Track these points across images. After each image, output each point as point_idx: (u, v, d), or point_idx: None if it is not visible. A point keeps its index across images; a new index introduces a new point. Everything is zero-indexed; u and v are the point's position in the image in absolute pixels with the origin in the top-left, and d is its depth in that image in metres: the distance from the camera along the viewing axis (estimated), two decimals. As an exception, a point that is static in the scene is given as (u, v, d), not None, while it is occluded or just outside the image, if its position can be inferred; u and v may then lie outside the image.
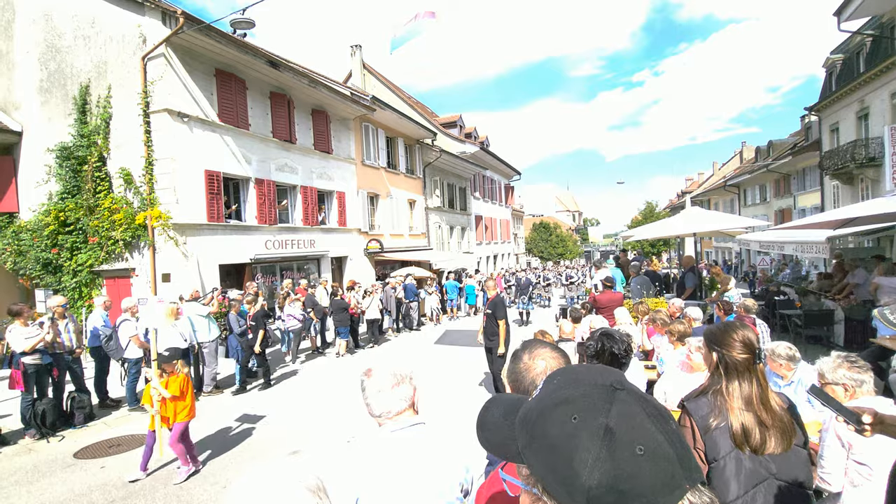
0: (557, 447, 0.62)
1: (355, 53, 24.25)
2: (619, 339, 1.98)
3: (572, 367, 0.81)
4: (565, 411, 0.64)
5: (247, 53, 11.43)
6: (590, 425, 0.61)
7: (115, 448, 5.66)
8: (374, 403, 1.66)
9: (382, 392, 1.65)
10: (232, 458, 5.39)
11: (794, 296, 10.98)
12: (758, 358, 1.76)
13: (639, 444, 0.59)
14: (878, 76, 15.62)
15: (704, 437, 1.75)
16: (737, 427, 1.70)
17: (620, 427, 0.60)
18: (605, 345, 1.92)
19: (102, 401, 7.20)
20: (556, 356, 1.39)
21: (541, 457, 0.64)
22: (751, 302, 6.35)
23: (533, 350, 1.41)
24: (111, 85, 10.62)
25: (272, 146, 12.98)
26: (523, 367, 1.38)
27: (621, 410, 0.62)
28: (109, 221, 10.29)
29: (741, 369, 1.76)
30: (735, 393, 1.75)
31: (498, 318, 6.74)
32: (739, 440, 1.70)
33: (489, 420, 0.79)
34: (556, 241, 47.65)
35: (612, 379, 0.67)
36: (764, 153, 33.00)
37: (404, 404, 1.66)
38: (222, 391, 8.09)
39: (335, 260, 15.66)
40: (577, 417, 0.63)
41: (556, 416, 0.65)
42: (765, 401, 1.72)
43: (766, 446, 1.68)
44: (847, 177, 17.81)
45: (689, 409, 1.83)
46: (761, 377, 1.75)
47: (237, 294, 9.17)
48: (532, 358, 1.39)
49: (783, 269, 19.70)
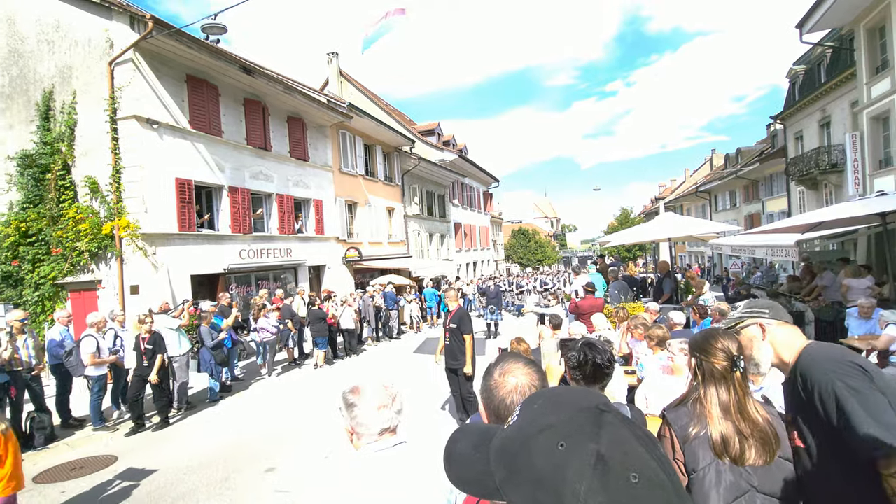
0: (544, 479, 0.56)
1: (332, 61, 24.13)
2: (602, 349, 1.93)
3: (552, 389, 0.75)
4: (550, 438, 0.58)
5: (219, 59, 11.20)
6: (579, 453, 0.55)
7: (78, 471, 5.36)
8: (371, 421, 1.57)
9: (385, 407, 1.58)
10: (205, 477, 5.15)
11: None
12: (735, 366, 1.73)
13: (633, 471, 0.54)
14: (838, 86, 16.31)
15: (684, 447, 1.72)
16: (716, 436, 1.67)
17: (612, 453, 0.55)
18: (587, 356, 1.87)
19: (65, 420, 6.83)
20: (528, 372, 1.31)
21: (525, 491, 0.58)
22: (725, 306, 6.45)
23: (504, 366, 1.34)
24: (76, 91, 10.24)
25: (246, 153, 12.71)
26: (493, 384, 1.31)
27: (612, 435, 0.56)
28: (74, 232, 9.87)
29: (717, 377, 1.74)
30: (713, 401, 1.73)
31: (464, 333, 5.97)
32: (719, 450, 1.66)
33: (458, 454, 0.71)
34: (535, 248, 48.07)
35: (597, 401, 0.62)
36: (733, 160, 34.07)
37: (391, 423, 1.59)
38: (194, 406, 7.78)
39: (313, 269, 15.39)
40: (565, 444, 0.57)
41: (540, 445, 0.59)
42: (742, 410, 1.69)
43: (746, 457, 1.65)
44: (812, 182, 18.50)
45: (668, 418, 1.80)
46: (738, 385, 1.73)
47: (210, 306, 8.89)
48: (502, 374, 1.31)
49: (755, 273, 20.28)
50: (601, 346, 1.93)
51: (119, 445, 6.18)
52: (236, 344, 9.49)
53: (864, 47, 12.54)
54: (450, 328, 6.08)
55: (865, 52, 12.51)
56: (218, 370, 8.29)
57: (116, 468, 5.45)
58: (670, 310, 7.02)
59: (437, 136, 28.09)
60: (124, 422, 7.05)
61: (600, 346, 1.93)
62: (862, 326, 6.20)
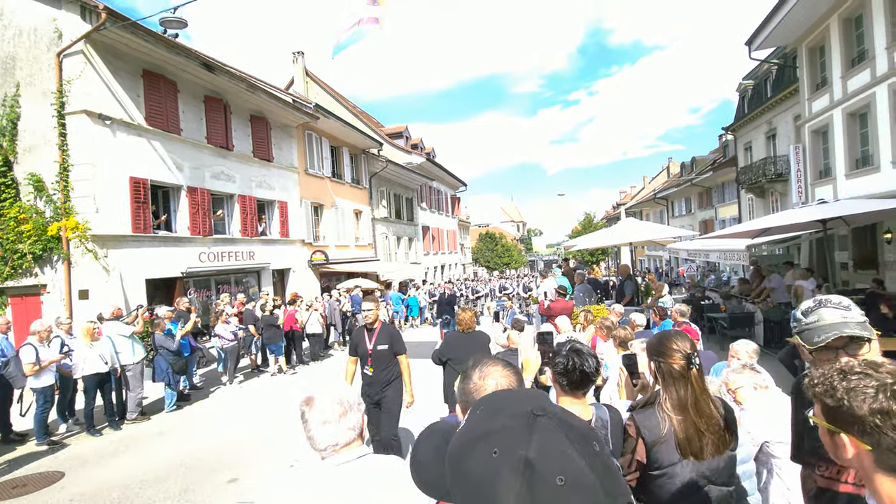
0: (480, 485, 0.60)
1: (297, 60, 23.67)
2: (589, 354, 1.94)
3: (495, 394, 0.78)
4: (486, 445, 0.62)
5: (178, 54, 10.77)
6: (510, 460, 0.59)
7: (20, 489, 4.98)
8: (318, 436, 1.49)
9: (328, 423, 1.49)
10: (161, 490, 4.91)
11: (719, 300, 11.83)
12: (691, 363, 1.81)
13: (559, 474, 0.57)
14: (782, 101, 17.40)
15: (651, 449, 1.78)
16: (681, 437, 1.74)
17: (540, 458, 0.58)
18: (575, 363, 1.89)
19: (6, 435, 6.34)
20: (507, 374, 1.32)
21: (465, 495, 0.62)
22: (685, 307, 6.73)
23: (483, 368, 1.33)
24: (20, 83, 9.60)
25: (207, 153, 12.27)
26: (473, 387, 1.29)
27: (542, 440, 0.60)
28: (16, 233, 9.23)
29: (676, 376, 1.81)
30: (672, 401, 1.80)
31: (398, 353, 4.58)
32: (685, 450, 1.74)
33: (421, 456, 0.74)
34: (502, 251, 48.67)
35: (533, 405, 0.65)
36: (688, 168, 35.67)
37: (352, 434, 1.52)
38: (149, 417, 7.40)
39: (277, 272, 14.99)
40: (498, 452, 0.60)
41: (477, 452, 0.62)
42: (699, 405, 1.78)
43: (705, 453, 1.74)
44: (760, 191, 19.61)
45: (636, 419, 1.86)
46: (695, 382, 1.81)
47: (167, 311, 8.49)
48: (482, 377, 1.30)
49: (708, 276, 21.26)
50: (588, 352, 1.95)
51: (67, 460, 5.80)
52: (195, 351, 9.11)
53: (805, 65, 13.43)
54: (376, 351, 4.50)
55: (807, 70, 13.41)
56: (175, 379, 7.93)
57: (63, 484, 5.11)
58: (632, 311, 7.26)
59: (406, 139, 28.02)
60: (72, 435, 6.62)
61: (587, 352, 1.95)
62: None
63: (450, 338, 5.16)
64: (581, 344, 1.99)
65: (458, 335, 5.01)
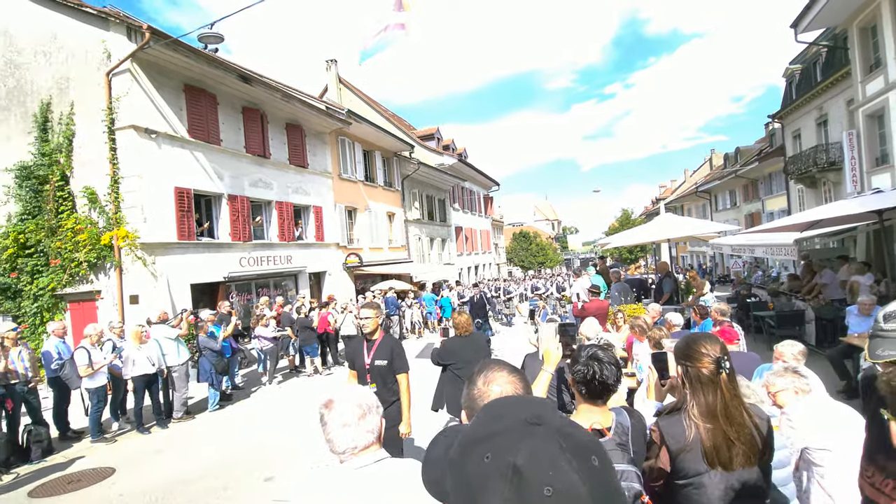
0: (472, 487, 0.61)
1: (331, 68, 24.23)
2: (609, 362, 1.85)
3: (498, 401, 0.79)
4: (481, 450, 0.62)
5: (217, 68, 11.24)
6: (499, 465, 0.59)
7: (74, 484, 5.32)
8: (336, 439, 1.50)
9: (347, 426, 1.50)
10: (203, 486, 5.12)
11: (767, 297, 11.22)
12: (721, 368, 1.71)
13: (547, 484, 0.56)
14: (833, 85, 16.32)
15: (676, 457, 1.70)
16: (708, 447, 1.65)
17: (529, 467, 0.58)
18: (594, 371, 1.81)
19: (63, 433, 6.79)
20: (513, 380, 1.27)
21: (459, 497, 0.63)
22: (725, 306, 6.42)
23: (489, 373, 1.29)
24: (74, 102, 10.29)
25: (245, 161, 12.74)
26: (477, 393, 1.26)
27: (533, 448, 0.60)
28: (73, 242, 9.89)
29: (705, 381, 1.72)
30: (700, 408, 1.71)
31: (398, 372, 3.82)
32: (711, 460, 1.65)
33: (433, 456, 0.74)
34: (537, 250, 48.05)
35: (530, 413, 0.65)
36: (732, 160, 34.07)
37: (371, 437, 1.52)
38: (193, 416, 7.75)
39: (313, 275, 15.38)
40: (490, 457, 0.61)
41: (473, 455, 0.63)
42: (729, 413, 1.67)
43: (735, 464, 1.64)
44: (810, 181, 18.47)
45: (660, 425, 1.78)
46: (725, 388, 1.70)
47: (209, 314, 8.87)
48: (486, 383, 1.26)
49: (755, 272, 20.21)
50: (608, 360, 1.85)
51: (117, 457, 6.15)
52: (236, 352, 9.47)
53: (857, 46, 12.55)
54: (374, 367, 3.77)
55: (859, 51, 12.52)
56: (218, 379, 8.26)
57: (114, 480, 5.42)
58: (669, 311, 6.99)
59: (437, 140, 28.13)
60: (123, 433, 7.02)
61: (607, 360, 1.86)
62: (862, 324, 6.15)
63: (447, 343, 5.09)
64: (602, 350, 1.91)
65: (456, 339, 4.94)
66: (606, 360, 1.84)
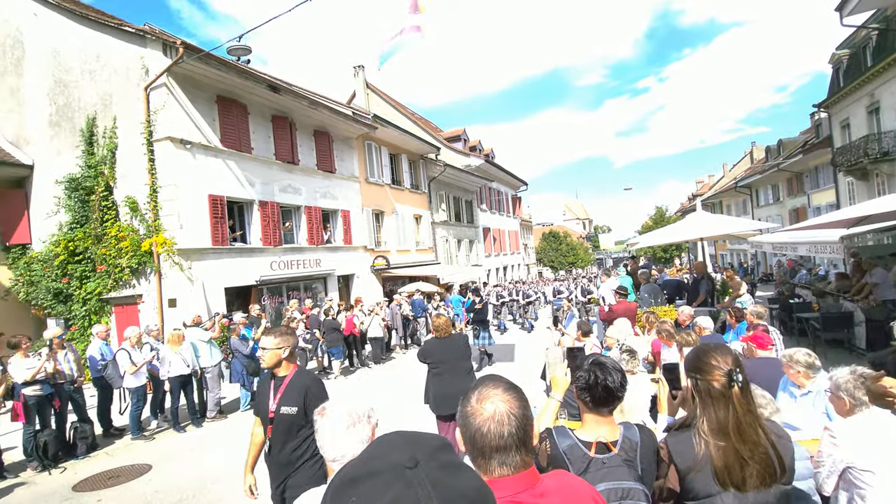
0: None
1: (358, 74, 24.62)
2: (613, 368, 1.79)
3: (385, 437, 0.75)
4: (351, 493, 0.61)
5: (247, 79, 11.62)
6: None
7: (114, 479, 5.60)
8: (327, 446, 1.52)
9: (337, 433, 1.52)
10: (234, 484, 5.27)
11: (811, 298, 10.61)
12: (732, 381, 1.60)
13: None
14: (886, 69, 15.28)
15: (685, 477, 1.61)
16: (719, 465, 1.55)
17: None
18: (597, 377, 1.75)
19: (106, 430, 7.17)
20: (508, 398, 1.19)
21: None
22: (762, 308, 6.09)
23: (483, 390, 1.22)
24: (116, 116, 10.86)
25: (275, 168, 13.11)
26: (470, 410, 1.19)
27: (396, 496, 0.57)
28: (116, 249, 10.43)
29: (715, 395, 1.61)
30: (710, 424, 1.60)
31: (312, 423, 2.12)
32: (722, 480, 1.54)
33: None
34: (567, 250, 47.23)
35: (408, 455, 0.63)
36: (774, 152, 32.48)
37: (361, 447, 1.53)
38: (226, 416, 8.02)
39: (342, 278, 15.65)
40: (355, 501, 0.59)
41: (342, 497, 0.62)
42: (742, 430, 1.57)
43: (748, 485, 1.53)
44: (861, 173, 17.37)
45: (669, 443, 1.69)
46: (738, 403, 1.60)
47: (241, 317, 9.16)
48: (480, 401, 1.19)
49: (798, 271, 19.16)
50: (612, 366, 1.80)
51: (154, 454, 6.43)
52: (267, 354, 9.71)
53: (912, 27, 11.72)
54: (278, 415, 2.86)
55: (915, 32, 11.69)
56: (249, 380, 8.51)
57: (150, 476, 5.67)
58: (702, 314, 6.70)
59: (464, 141, 28.12)
60: (161, 431, 7.34)
61: (611, 365, 1.80)
62: None
63: (427, 343, 5.46)
64: (606, 357, 1.85)
65: (435, 341, 5.23)
66: (610, 366, 1.78)
